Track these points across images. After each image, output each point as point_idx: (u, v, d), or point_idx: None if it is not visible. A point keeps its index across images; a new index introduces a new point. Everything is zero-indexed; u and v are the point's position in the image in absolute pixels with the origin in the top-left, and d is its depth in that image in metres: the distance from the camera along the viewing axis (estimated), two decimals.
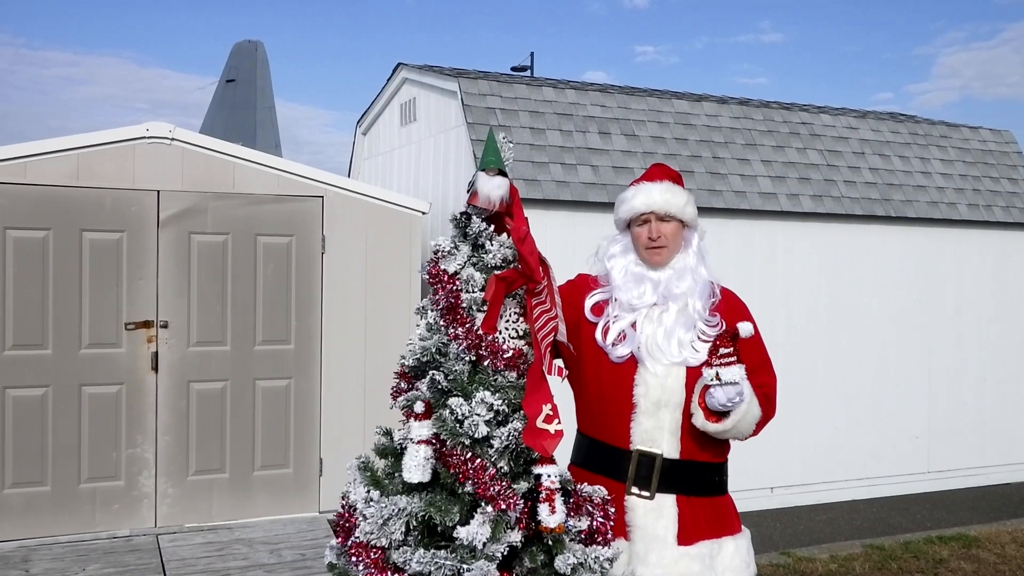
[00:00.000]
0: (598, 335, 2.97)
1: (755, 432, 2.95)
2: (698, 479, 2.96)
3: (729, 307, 3.03)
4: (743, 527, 3.09)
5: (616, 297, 2.99)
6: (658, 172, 3.11)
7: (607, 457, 2.98)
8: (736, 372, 2.74)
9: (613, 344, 2.94)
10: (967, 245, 9.02)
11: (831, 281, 8.40)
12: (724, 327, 2.88)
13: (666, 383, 2.89)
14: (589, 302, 3.04)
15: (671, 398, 2.89)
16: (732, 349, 2.76)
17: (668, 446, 2.91)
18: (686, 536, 2.89)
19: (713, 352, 2.79)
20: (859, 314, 8.49)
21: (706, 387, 2.80)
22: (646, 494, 2.90)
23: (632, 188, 3.09)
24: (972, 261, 9.05)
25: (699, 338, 2.90)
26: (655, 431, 2.91)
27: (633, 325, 2.94)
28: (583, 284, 3.10)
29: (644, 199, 3.02)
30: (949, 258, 8.94)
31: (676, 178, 3.11)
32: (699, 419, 2.84)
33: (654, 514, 2.90)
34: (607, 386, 2.97)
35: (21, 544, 6.06)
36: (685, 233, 3.07)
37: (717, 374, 2.75)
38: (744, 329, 2.79)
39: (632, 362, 2.92)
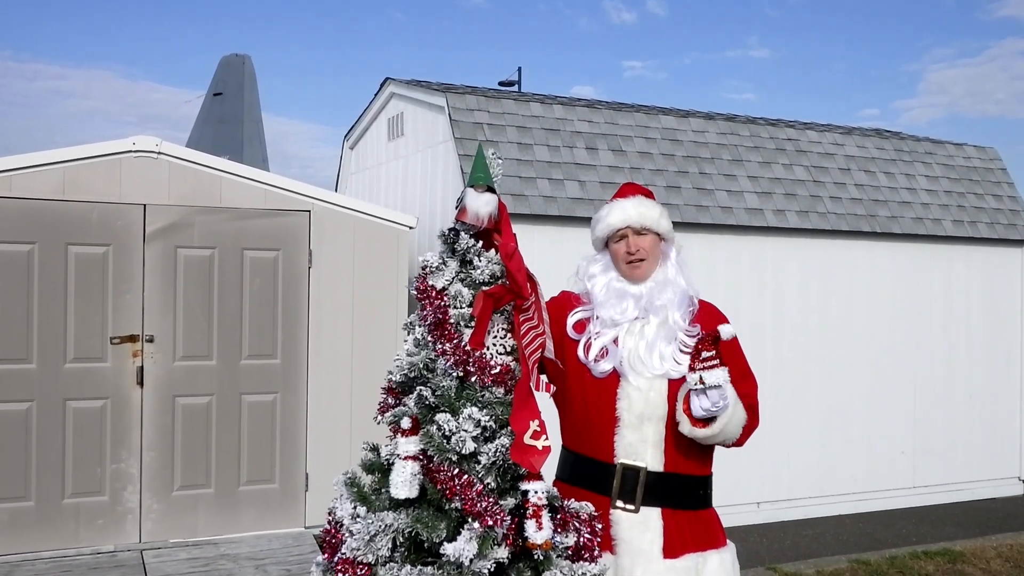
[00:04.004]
0: (580, 351, 2.99)
1: (740, 441, 2.98)
2: (683, 492, 2.98)
3: (708, 318, 3.05)
4: (728, 540, 3.10)
5: (598, 315, 3.01)
6: (629, 189, 3.17)
7: (592, 471, 2.98)
8: (720, 375, 2.76)
9: (596, 360, 2.96)
10: (952, 261, 9.06)
11: (818, 297, 8.42)
12: (704, 332, 2.89)
13: (649, 396, 2.91)
14: (571, 319, 3.06)
15: (654, 411, 2.91)
16: (714, 352, 2.78)
17: (652, 459, 2.92)
18: (671, 549, 2.90)
19: (695, 356, 2.80)
20: (846, 330, 8.51)
21: (689, 393, 2.81)
22: (631, 507, 2.91)
23: (606, 207, 3.14)
24: (958, 277, 9.09)
25: (680, 350, 2.92)
26: (639, 444, 2.92)
27: (615, 341, 2.96)
28: (565, 301, 3.13)
29: (619, 215, 3.07)
30: (935, 274, 8.98)
31: (647, 194, 3.16)
32: (685, 426, 2.85)
33: (639, 528, 2.91)
34: (591, 401, 2.98)
35: (4, 560, 6.01)
36: (662, 246, 3.10)
37: (701, 378, 2.76)
38: (725, 331, 2.81)
39: (615, 376, 2.95)
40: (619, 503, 2.92)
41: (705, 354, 2.77)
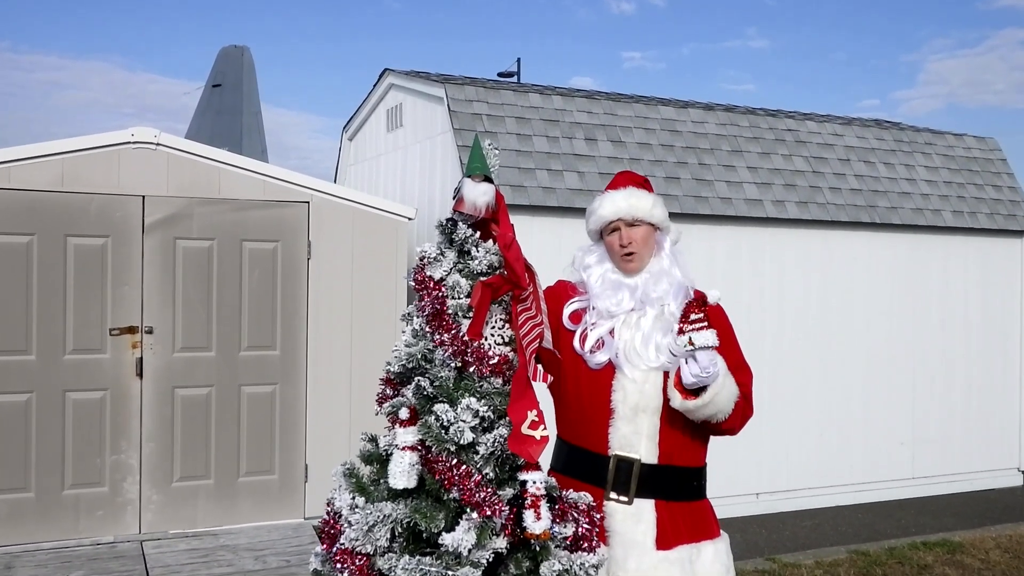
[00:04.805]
0: (576, 342, 2.99)
1: (735, 428, 2.97)
2: (677, 484, 2.98)
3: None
4: (722, 531, 3.10)
5: (594, 306, 3.01)
6: (623, 179, 3.15)
7: (586, 463, 2.99)
8: (709, 336, 2.76)
9: (591, 351, 2.95)
10: (952, 252, 9.06)
11: (817, 287, 8.42)
12: (693, 297, 2.91)
13: (644, 388, 2.90)
14: (567, 310, 3.05)
15: (649, 403, 2.91)
16: (703, 315, 2.78)
17: (646, 451, 2.92)
18: (665, 541, 2.91)
19: (684, 319, 2.80)
20: (845, 320, 8.52)
21: (679, 368, 2.81)
22: (624, 499, 2.92)
23: (598, 198, 3.13)
24: (957, 268, 9.09)
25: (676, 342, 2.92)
26: (633, 436, 2.92)
27: (611, 332, 2.95)
28: (562, 291, 3.12)
29: (610, 207, 3.06)
30: (934, 265, 8.98)
31: (641, 183, 3.14)
32: (676, 400, 2.85)
33: (633, 519, 2.91)
34: (585, 392, 2.98)
35: (5, 551, 6.02)
36: (656, 236, 3.09)
37: (691, 339, 2.75)
38: (712, 296, 2.82)
39: (610, 368, 2.94)
40: (613, 495, 2.92)
41: (694, 316, 2.77)
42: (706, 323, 2.77)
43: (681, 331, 2.79)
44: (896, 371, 8.76)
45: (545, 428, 2.47)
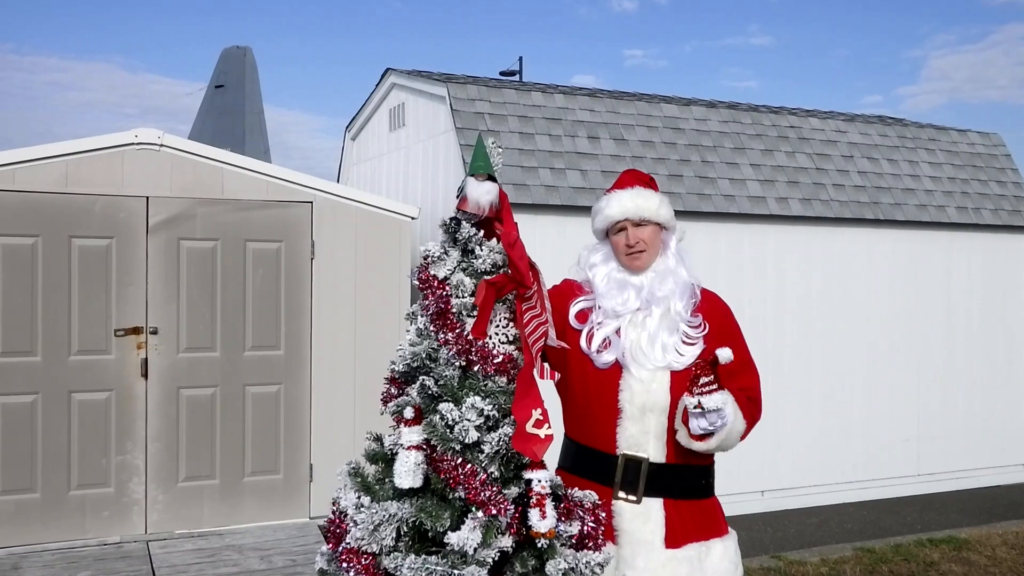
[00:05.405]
0: (583, 342, 2.98)
1: (742, 437, 2.97)
2: (685, 482, 2.98)
3: (711, 308, 3.04)
4: (730, 529, 3.10)
5: (600, 305, 3.00)
6: (629, 178, 3.14)
7: (594, 462, 2.98)
8: (718, 399, 2.73)
9: (598, 351, 2.95)
10: (956, 248, 9.05)
11: (821, 284, 8.41)
12: (704, 349, 2.87)
13: (651, 388, 2.90)
14: (573, 309, 3.05)
15: (656, 403, 2.90)
16: (713, 376, 2.74)
17: (654, 450, 2.92)
18: (674, 539, 2.91)
19: (694, 381, 2.76)
20: (849, 317, 8.50)
21: (687, 410, 2.80)
22: (633, 498, 2.91)
23: (604, 198, 3.12)
24: (961, 264, 9.08)
25: (683, 341, 2.92)
26: (640, 436, 2.92)
27: (617, 332, 2.95)
28: (568, 290, 3.11)
29: (617, 207, 3.05)
30: (938, 261, 8.97)
31: (647, 182, 3.13)
32: (683, 437, 2.85)
33: (641, 518, 2.91)
34: (593, 392, 2.98)
35: (11, 552, 6.03)
36: (663, 235, 3.08)
37: (699, 403, 2.74)
38: (723, 355, 2.72)
39: (617, 368, 2.94)
40: (621, 494, 2.92)
41: (703, 379, 2.74)
42: (716, 386, 2.75)
43: (690, 392, 2.76)
44: (900, 368, 8.75)
45: (549, 427, 2.47)
